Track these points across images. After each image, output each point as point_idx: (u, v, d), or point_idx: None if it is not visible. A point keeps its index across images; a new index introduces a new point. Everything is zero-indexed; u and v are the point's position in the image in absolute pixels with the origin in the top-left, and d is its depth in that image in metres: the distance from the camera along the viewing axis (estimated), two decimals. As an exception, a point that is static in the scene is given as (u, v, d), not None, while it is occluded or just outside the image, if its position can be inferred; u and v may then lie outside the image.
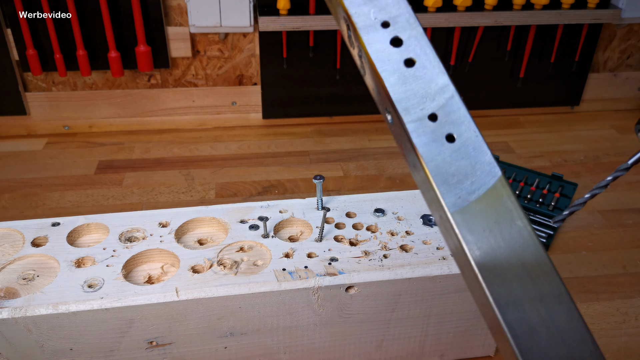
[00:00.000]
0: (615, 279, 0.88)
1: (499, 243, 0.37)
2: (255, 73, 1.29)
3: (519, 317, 0.35)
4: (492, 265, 0.36)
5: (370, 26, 0.41)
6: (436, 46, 1.29)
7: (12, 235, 0.66)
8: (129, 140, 1.27)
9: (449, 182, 0.38)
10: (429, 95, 0.39)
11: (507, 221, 0.37)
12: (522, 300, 0.35)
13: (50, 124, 1.29)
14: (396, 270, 0.60)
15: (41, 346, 0.57)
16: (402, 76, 0.40)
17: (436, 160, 0.38)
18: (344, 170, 1.17)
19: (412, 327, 0.66)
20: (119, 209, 1.03)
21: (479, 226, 0.37)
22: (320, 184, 0.68)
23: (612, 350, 0.75)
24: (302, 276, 0.59)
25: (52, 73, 1.22)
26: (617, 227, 1.00)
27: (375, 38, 0.41)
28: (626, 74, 1.40)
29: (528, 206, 1.01)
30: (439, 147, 0.38)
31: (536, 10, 1.22)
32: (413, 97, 0.39)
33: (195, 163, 1.19)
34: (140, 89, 1.27)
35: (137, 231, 0.66)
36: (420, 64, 0.40)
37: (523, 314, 0.35)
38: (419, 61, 0.40)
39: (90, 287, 0.58)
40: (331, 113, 1.36)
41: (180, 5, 1.18)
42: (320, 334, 0.64)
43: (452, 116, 0.39)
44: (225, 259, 0.62)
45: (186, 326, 0.59)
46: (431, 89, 0.40)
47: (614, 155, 1.24)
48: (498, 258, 0.36)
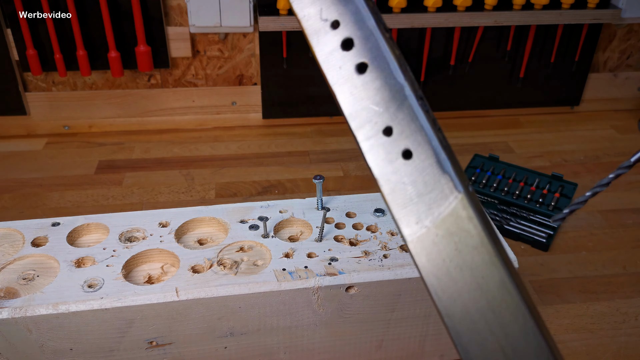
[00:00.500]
0: (615, 279, 0.88)
1: (460, 272, 0.33)
2: (255, 73, 1.29)
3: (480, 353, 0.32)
4: (452, 298, 0.33)
5: (319, 30, 0.35)
6: (436, 46, 1.29)
7: (12, 235, 0.66)
8: (129, 140, 1.27)
9: (406, 207, 0.33)
10: (383, 104, 0.34)
11: (469, 248, 0.33)
12: (484, 336, 0.32)
13: (50, 124, 1.29)
14: (396, 270, 0.60)
15: (41, 346, 0.57)
16: (353, 85, 0.34)
17: (392, 181, 0.34)
18: (344, 170, 1.17)
19: (412, 327, 0.66)
20: (119, 209, 1.03)
21: (439, 254, 0.33)
22: (320, 184, 0.68)
23: (611, 350, 0.75)
24: (302, 276, 0.59)
25: (52, 73, 1.22)
26: (617, 227, 1.00)
27: (325, 42, 0.35)
28: (626, 74, 1.40)
29: (528, 206, 1.01)
30: (395, 166, 0.34)
31: (536, 10, 1.22)
32: (366, 110, 0.34)
33: (195, 163, 1.19)
34: (140, 89, 1.27)
35: (137, 231, 0.66)
36: (373, 67, 0.35)
37: (485, 351, 0.32)
38: (371, 64, 0.35)
39: (90, 287, 0.58)
40: (331, 113, 1.36)
41: (180, 5, 1.18)
42: (320, 334, 0.64)
43: (409, 127, 0.34)
44: (225, 259, 0.62)
45: (186, 326, 0.59)
46: (385, 96, 0.34)
47: (613, 155, 1.24)
48: (458, 289, 0.32)
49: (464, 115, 1.39)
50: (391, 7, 1.19)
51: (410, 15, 1.19)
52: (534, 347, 0.31)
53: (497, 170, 1.10)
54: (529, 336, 0.31)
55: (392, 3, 1.18)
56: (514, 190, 1.05)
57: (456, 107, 1.40)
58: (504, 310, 0.32)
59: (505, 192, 1.05)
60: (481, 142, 1.29)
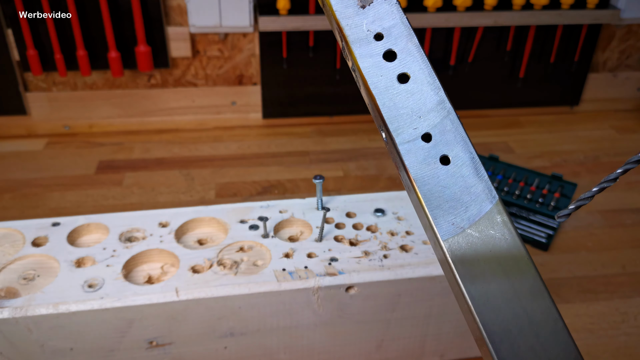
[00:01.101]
0: (614, 278, 0.88)
1: (494, 274, 0.34)
2: (255, 73, 1.29)
3: (511, 351, 0.33)
4: (487, 300, 0.34)
5: (362, 39, 0.39)
6: (436, 46, 1.29)
7: (12, 235, 0.66)
8: (129, 140, 1.27)
9: (442, 208, 0.35)
10: (423, 113, 0.37)
11: (504, 250, 0.35)
12: (516, 335, 0.33)
13: (50, 124, 1.29)
14: (396, 271, 0.61)
15: (41, 346, 0.58)
16: (395, 93, 0.38)
17: (429, 184, 0.36)
18: (344, 170, 1.17)
19: (412, 327, 0.66)
20: (119, 209, 1.03)
21: (473, 256, 0.35)
22: (320, 184, 0.68)
23: (611, 350, 0.75)
24: (302, 276, 0.59)
25: (53, 73, 1.22)
26: (617, 227, 1.00)
27: (368, 52, 0.39)
28: (625, 74, 1.40)
29: (528, 206, 1.01)
30: (433, 169, 0.36)
31: (536, 11, 1.22)
32: (406, 116, 0.37)
33: (195, 163, 1.19)
34: (140, 89, 1.27)
35: (137, 231, 0.66)
36: (415, 80, 0.38)
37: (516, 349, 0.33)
38: (413, 76, 0.39)
39: (90, 287, 0.58)
40: (331, 113, 1.36)
41: (180, 5, 1.18)
42: (320, 334, 0.64)
43: (447, 136, 0.37)
44: (225, 259, 0.62)
45: (186, 326, 0.59)
46: (425, 107, 0.38)
47: (613, 155, 1.24)
48: (493, 291, 0.34)
49: (464, 115, 1.40)
50: (391, 7, 1.19)
51: (411, 15, 1.19)
52: (563, 347, 0.33)
53: (497, 170, 1.10)
54: (558, 337, 0.33)
55: (392, 3, 1.18)
56: (514, 191, 1.05)
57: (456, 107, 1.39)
58: (536, 311, 0.33)
59: (505, 192, 1.05)
60: (481, 142, 1.29)
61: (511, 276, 0.34)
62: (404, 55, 0.38)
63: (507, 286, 0.34)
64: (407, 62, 0.38)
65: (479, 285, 0.34)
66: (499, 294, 0.34)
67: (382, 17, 0.39)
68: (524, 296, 0.33)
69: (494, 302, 0.33)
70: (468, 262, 0.34)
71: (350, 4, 0.39)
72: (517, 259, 0.34)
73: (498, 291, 0.34)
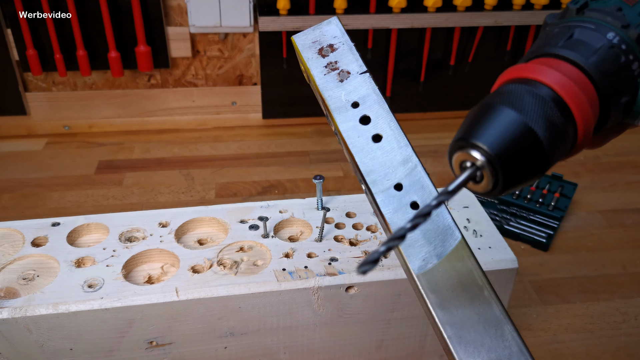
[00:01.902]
0: (614, 279, 0.88)
1: (461, 302, 0.38)
2: (255, 73, 1.29)
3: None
4: (456, 323, 0.37)
5: (341, 107, 0.46)
6: (436, 46, 1.29)
7: (12, 235, 0.66)
8: (129, 140, 1.27)
9: (414, 246, 0.40)
10: (394, 167, 0.43)
11: (468, 281, 0.39)
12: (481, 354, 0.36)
13: (50, 124, 1.29)
14: (396, 270, 0.61)
15: (41, 346, 0.58)
16: (370, 150, 0.44)
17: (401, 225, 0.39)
18: (344, 170, 1.17)
19: (412, 327, 0.66)
20: (119, 209, 1.03)
21: (442, 287, 0.39)
22: (320, 184, 0.68)
23: (611, 350, 0.75)
24: (302, 276, 0.59)
25: (52, 73, 1.22)
26: (617, 227, 1.00)
27: (347, 117, 0.45)
28: (626, 74, 1.40)
29: (528, 206, 1.01)
30: (404, 214, 0.41)
31: (536, 10, 1.22)
32: (380, 169, 0.43)
33: (195, 163, 1.19)
34: (140, 89, 1.27)
35: (137, 231, 0.66)
36: (387, 139, 0.44)
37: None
38: (385, 136, 0.44)
39: (90, 287, 0.58)
40: (331, 113, 1.36)
41: (180, 5, 1.18)
42: (320, 334, 0.64)
43: (415, 185, 0.42)
44: (225, 259, 0.62)
45: (186, 326, 0.59)
46: (396, 160, 0.43)
47: (613, 155, 1.24)
48: (460, 317, 0.38)
49: (464, 115, 1.39)
50: (391, 7, 1.19)
51: (410, 15, 1.19)
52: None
53: (497, 170, 1.10)
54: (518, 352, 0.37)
55: (392, 3, 1.18)
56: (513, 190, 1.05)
57: (456, 107, 1.40)
58: (499, 336, 0.37)
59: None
60: (481, 142, 1.29)
61: (475, 303, 0.38)
62: (377, 119, 0.45)
63: (472, 312, 0.38)
64: (380, 125, 0.45)
65: (448, 311, 0.38)
66: (465, 319, 0.38)
67: (357, 88, 0.47)
68: (486, 321, 0.38)
69: (460, 326, 0.38)
70: (438, 291, 0.39)
71: (330, 79, 0.48)
72: (480, 288, 0.39)
73: (464, 317, 0.38)
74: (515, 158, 0.29)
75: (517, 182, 0.31)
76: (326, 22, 0.51)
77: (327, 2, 1.19)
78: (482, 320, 0.37)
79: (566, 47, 0.33)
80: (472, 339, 0.36)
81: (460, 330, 0.37)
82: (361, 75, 0.47)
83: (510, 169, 0.30)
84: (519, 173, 0.30)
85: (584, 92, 0.31)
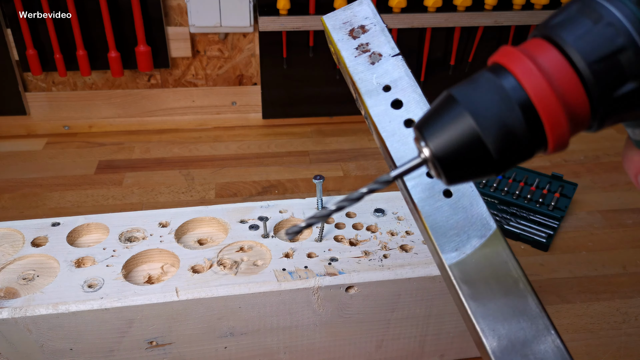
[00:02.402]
0: (615, 279, 0.88)
1: (494, 294, 0.37)
2: (255, 73, 1.29)
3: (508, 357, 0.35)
4: (489, 316, 0.36)
5: (372, 90, 0.44)
6: (436, 46, 1.29)
7: (12, 235, 0.66)
8: (129, 140, 1.27)
9: (446, 235, 0.39)
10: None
11: (503, 272, 0.38)
12: (509, 342, 0.35)
13: (50, 124, 1.29)
14: (396, 270, 0.61)
15: (41, 346, 0.57)
16: (402, 136, 0.42)
17: (434, 215, 0.39)
18: (344, 170, 1.17)
19: (412, 327, 0.66)
20: (119, 209, 1.03)
21: (475, 278, 0.37)
22: (320, 184, 0.68)
23: (611, 350, 0.75)
24: (302, 276, 0.59)
25: (52, 73, 1.22)
26: (617, 227, 1.00)
27: (378, 101, 0.43)
28: (626, 74, 1.40)
29: (528, 206, 1.01)
30: (437, 202, 0.40)
31: (536, 10, 1.22)
32: (412, 155, 0.41)
33: (195, 163, 1.19)
34: (140, 89, 1.27)
35: (137, 231, 0.66)
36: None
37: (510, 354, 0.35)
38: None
39: (90, 287, 0.58)
40: (331, 113, 1.36)
41: (180, 5, 1.18)
42: (320, 334, 0.64)
43: None
44: (225, 259, 0.62)
45: (186, 326, 0.59)
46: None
47: (613, 155, 1.24)
48: (494, 309, 0.37)
49: (464, 115, 1.39)
50: (391, 7, 1.19)
51: (410, 15, 1.19)
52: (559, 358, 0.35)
53: (497, 170, 1.10)
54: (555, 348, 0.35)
55: (392, 3, 1.18)
56: (514, 190, 1.05)
57: (456, 107, 1.39)
58: (535, 326, 0.36)
59: (505, 192, 1.05)
60: (481, 142, 1.29)
61: (510, 295, 0.37)
62: (410, 104, 0.43)
63: (506, 304, 0.37)
64: (412, 109, 0.43)
65: (481, 303, 0.37)
66: (499, 311, 0.36)
67: (388, 71, 0.44)
68: (521, 314, 0.36)
69: (494, 319, 0.36)
70: (470, 282, 0.37)
71: (361, 61, 0.45)
72: (515, 280, 0.38)
73: (497, 309, 0.36)
74: (460, 161, 0.29)
75: (461, 181, 0.30)
76: (357, 2, 0.48)
77: (327, 2, 1.19)
78: (517, 314, 0.36)
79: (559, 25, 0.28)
80: (505, 333, 0.35)
81: (493, 323, 0.36)
82: (393, 57, 0.45)
83: (453, 171, 0.29)
84: (464, 174, 0.30)
85: (562, 95, 0.27)
